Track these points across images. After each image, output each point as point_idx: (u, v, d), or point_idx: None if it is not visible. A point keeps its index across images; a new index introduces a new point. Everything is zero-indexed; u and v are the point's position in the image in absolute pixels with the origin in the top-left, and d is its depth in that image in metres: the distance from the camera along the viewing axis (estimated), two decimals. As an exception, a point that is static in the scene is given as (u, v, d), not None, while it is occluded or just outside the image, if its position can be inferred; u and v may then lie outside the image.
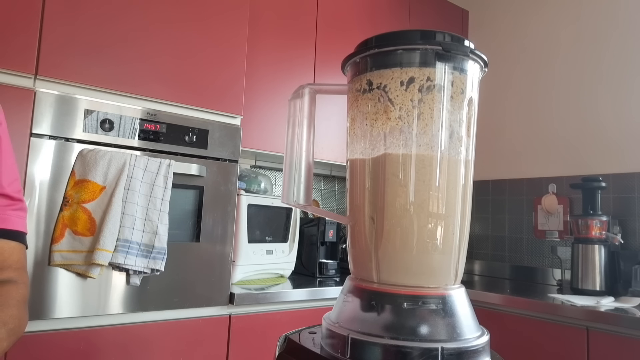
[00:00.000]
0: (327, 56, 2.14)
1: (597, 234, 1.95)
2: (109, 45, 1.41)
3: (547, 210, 2.32)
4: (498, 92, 2.60)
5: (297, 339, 0.51)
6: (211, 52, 1.61)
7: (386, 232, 0.47)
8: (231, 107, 1.66)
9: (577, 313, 1.60)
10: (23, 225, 0.77)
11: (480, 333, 0.47)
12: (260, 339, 1.61)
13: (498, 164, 2.57)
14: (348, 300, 0.49)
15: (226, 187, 1.61)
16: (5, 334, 0.64)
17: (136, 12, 1.47)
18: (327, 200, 2.66)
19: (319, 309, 1.77)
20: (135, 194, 1.35)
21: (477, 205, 2.61)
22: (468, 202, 0.50)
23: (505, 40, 2.63)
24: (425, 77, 0.47)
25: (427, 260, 0.47)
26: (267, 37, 1.96)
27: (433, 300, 0.45)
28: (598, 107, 2.21)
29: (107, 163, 1.33)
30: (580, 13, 2.33)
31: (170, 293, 1.46)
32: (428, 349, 0.42)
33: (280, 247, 1.93)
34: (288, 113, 0.51)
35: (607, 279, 1.91)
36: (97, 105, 1.38)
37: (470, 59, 0.49)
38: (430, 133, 0.47)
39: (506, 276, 2.47)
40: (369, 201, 0.48)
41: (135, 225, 1.35)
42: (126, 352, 1.36)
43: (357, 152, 0.51)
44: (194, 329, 1.49)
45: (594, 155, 2.20)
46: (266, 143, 1.93)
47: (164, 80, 1.51)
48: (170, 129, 1.50)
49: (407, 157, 0.46)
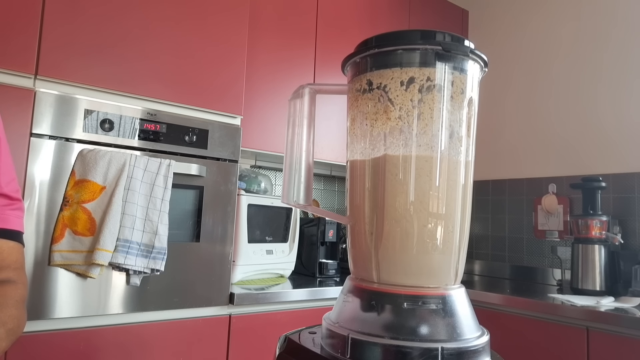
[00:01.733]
0: (327, 56, 2.14)
1: (597, 234, 1.95)
2: (109, 45, 1.41)
3: (547, 210, 2.32)
4: (498, 92, 2.60)
5: (297, 339, 0.51)
6: (211, 52, 1.61)
7: (386, 232, 0.47)
8: (231, 107, 1.66)
9: (577, 313, 1.60)
10: (21, 225, 0.77)
11: (480, 333, 0.47)
12: (260, 339, 1.61)
13: (498, 164, 2.57)
14: (348, 300, 0.49)
15: (226, 187, 1.61)
16: (4, 334, 0.64)
17: (136, 12, 1.47)
18: (327, 200, 2.66)
19: (319, 309, 1.77)
20: (135, 194, 1.35)
21: (477, 205, 2.61)
22: (468, 202, 0.50)
23: (505, 40, 2.63)
24: (425, 77, 0.47)
25: (427, 260, 0.47)
26: (267, 36, 1.96)
27: (433, 300, 0.45)
28: (598, 107, 2.21)
29: (107, 163, 1.33)
30: (580, 13, 2.33)
31: (170, 293, 1.46)
32: (428, 349, 0.42)
33: (280, 247, 1.93)
34: (288, 113, 0.51)
35: (607, 279, 1.91)
36: (97, 105, 1.38)
37: (470, 59, 0.49)
38: (431, 133, 0.47)
39: (506, 276, 2.46)
40: (369, 201, 0.48)
41: (135, 225, 1.35)
42: (126, 352, 1.36)
43: (357, 152, 0.51)
44: (194, 329, 1.49)
45: (594, 155, 2.20)
46: (266, 143, 1.93)
47: (164, 80, 1.51)
48: (170, 129, 1.50)
49: (407, 157, 0.46)
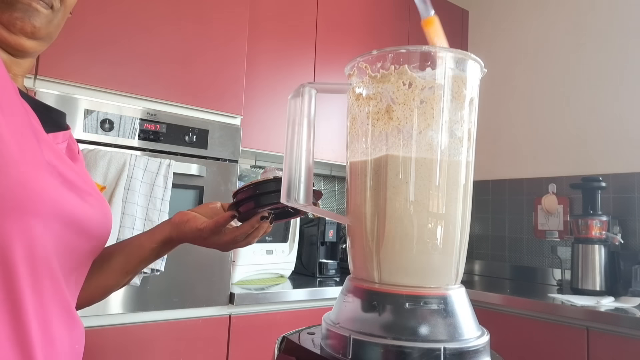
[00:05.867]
0: (327, 56, 2.14)
1: (597, 234, 1.95)
2: (109, 45, 1.41)
3: (547, 210, 2.32)
4: (498, 92, 2.60)
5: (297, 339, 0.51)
6: (211, 52, 1.61)
7: (387, 233, 0.47)
8: (231, 107, 1.65)
9: (577, 313, 1.60)
10: None
11: (481, 333, 0.47)
12: (260, 339, 1.61)
13: (498, 164, 2.57)
14: (348, 301, 0.49)
15: (226, 187, 1.61)
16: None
17: (136, 12, 1.47)
18: (327, 200, 2.66)
19: (319, 309, 1.77)
20: (135, 194, 1.35)
21: (477, 205, 2.61)
22: (468, 202, 0.50)
23: (505, 40, 2.63)
24: (427, 77, 0.47)
25: (427, 260, 0.47)
26: (267, 36, 1.96)
27: (434, 300, 0.45)
28: (598, 107, 2.21)
29: (107, 163, 1.33)
30: (580, 13, 2.33)
31: (170, 293, 1.46)
32: (431, 349, 0.42)
33: (280, 247, 1.93)
34: (288, 112, 0.51)
35: (607, 279, 1.91)
36: (97, 105, 1.38)
37: (471, 59, 0.49)
38: (431, 133, 0.46)
39: (506, 276, 2.46)
40: (369, 201, 0.48)
41: (135, 225, 1.35)
42: (126, 352, 1.36)
43: (357, 152, 0.51)
44: (194, 329, 1.49)
45: (594, 155, 2.20)
46: (266, 143, 1.93)
47: (164, 80, 1.51)
48: (170, 129, 1.50)
49: (408, 158, 0.46)
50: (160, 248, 0.71)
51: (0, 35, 0.55)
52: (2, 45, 0.57)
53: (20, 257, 0.47)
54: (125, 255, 0.69)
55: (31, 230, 0.48)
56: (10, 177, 0.46)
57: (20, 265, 0.47)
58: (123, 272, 0.70)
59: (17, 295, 0.47)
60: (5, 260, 0.46)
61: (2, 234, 0.46)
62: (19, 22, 0.55)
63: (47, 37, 0.60)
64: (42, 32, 0.58)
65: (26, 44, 0.57)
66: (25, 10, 0.55)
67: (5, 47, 0.57)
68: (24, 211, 0.47)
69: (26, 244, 0.48)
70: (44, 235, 0.49)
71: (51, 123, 0.61)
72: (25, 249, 0.48)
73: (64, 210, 0.52)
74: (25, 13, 0.55)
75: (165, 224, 0.71)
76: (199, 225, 0.68)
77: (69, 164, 0.58)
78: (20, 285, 0.47)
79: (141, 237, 0.71)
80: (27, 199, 0.47)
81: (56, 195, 0.51)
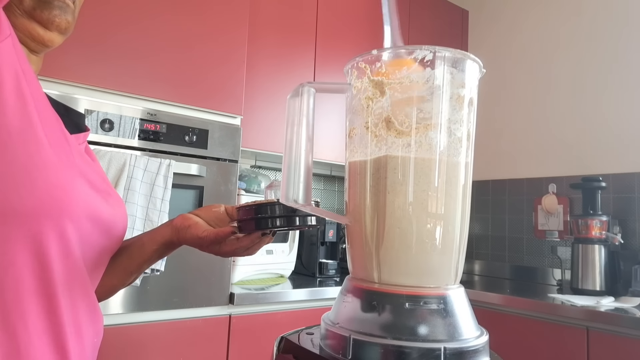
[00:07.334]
0: (327, 56, 2.14)
1: (597, 234, 1.95)
2: (109, 45, 1.41)
3: (547, 210, 2.32)
4: (498, 92, 2.60)
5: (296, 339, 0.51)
6: (211, 52, 1.61)
7: (387, 233, 0.47)
8: (231, 107, 1.65)
9: (577, 313, 1.60)
10: None
11: (480, 333, 0.47)
12: (261, 339, 1.61)
13: (498, 164, 2.57)
14: (348, 301, 0.49)
15: (226, 187, 1.61)
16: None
17: (136, 11, 1.47)
18: (327, 200, 2.66)
19: (319, 309, 1.77)
20: (135, 194, 1.35)
21: (477, 205, 2.61)
22: (468, 202, 0.50)
23: (505, 40, 2.63)
24: (427, 77, 0.47)
25: (427, 260, 0.47)
26: (267, 36, 1.96)
27: (434, 300, 0.45)
28: (598, 107, 2.21)
29: (107, 163, 1.33)
30: (579, 13, 2.33)
31: (170, 293, 1.46)
32: (431, 349, 0.42)
33: (280, 247, 1.93)
34: (287, 111, 0.51)
35: (607, 279, 1.91)
36: (97, 105, 1.38)
37: (470, 59, 0.49)
38: (431, 133, 0.46)
39: (506, 276, 2.46)
40: (370, 201, 0.48)
41: (136, 226, 1.35)
42: (126, 352, 1.36)
43: (356, 152, 0.51)
44: (194, 329, 1.49)
45: (594, 155, 2.20)
46: (266, 143, 1.93)
47: (164, 80, 1.51)
48: (170, 129, 1.50)
49: (407, 158, 0.46)
50: (162, 250, 0.71)
51: (35, 34, 0.56)
52: (30, 45, 0.57)
53: (55, 256, 0.50)
54: (128, 256, 0.70)
55: (66, 231, 0.51)
56: (50, 181, 0.49)
57: (55, 263, 0.50)
58: (126, 272, 0.70)
59: (52, 290, 0.50)
60: (43, 259, 0.49)
61: (40, 234, 0.49)
62: (57, 18, 0.57)
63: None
64: (72, 27, 0.60)
65: (56, 40, 0.59)
66: (61, 6, 0.57)
67: (34, 46, 0.58)
68: (61, 213, 0.50)
69: (61, 243, 0.51)
70: (75, 235, 0.52)
71: (72, 124, 0.62)
72: (60, 248, 0.51)
73: (92, 211, 0.55)
74: (61, 9, 0.57)
75: (166, 227, 0.71)
76: (199, 234, 0.68)
77: (92, 166, 0.60)
78: (55, 283, 0.51)
79: (143, 238, 0.71)
80: (64, 202, 0.50)
81: (86, 197, 0.54)
